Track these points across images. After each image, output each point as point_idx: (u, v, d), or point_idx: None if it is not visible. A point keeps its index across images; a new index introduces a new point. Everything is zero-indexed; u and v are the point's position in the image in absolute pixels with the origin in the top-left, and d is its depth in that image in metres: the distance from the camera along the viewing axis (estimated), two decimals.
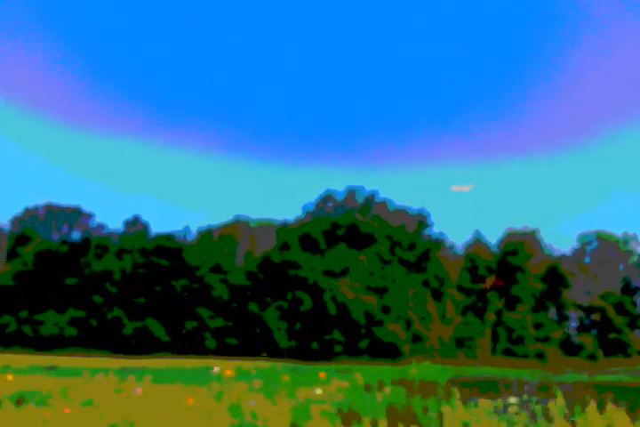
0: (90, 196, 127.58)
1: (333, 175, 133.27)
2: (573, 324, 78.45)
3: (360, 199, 67.38)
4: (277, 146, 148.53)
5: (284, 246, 64.42)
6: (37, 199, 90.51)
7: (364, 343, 60.69)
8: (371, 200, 66.43)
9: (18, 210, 77.75)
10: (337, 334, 60.37)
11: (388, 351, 60.44)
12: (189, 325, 61.83)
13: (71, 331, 63.29)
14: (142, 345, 61.58)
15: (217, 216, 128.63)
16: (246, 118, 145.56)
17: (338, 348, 60.08)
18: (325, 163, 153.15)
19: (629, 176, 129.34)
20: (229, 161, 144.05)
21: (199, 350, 60.31)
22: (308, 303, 60.84)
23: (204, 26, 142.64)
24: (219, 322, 61.62)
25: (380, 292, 62.13)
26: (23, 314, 64.11)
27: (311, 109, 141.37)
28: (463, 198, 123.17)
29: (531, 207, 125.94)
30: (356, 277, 61.66)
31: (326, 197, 67.91)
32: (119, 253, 68.09)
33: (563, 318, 73.67)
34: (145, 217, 75.70)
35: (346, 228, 63.85)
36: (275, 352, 58.92)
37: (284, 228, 66.92)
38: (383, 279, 62.81)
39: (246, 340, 60.38)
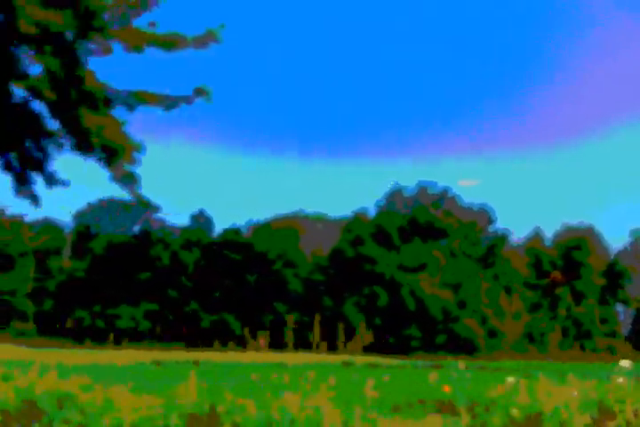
0: None
1: (344, 171, 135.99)
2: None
3: (429, 194, 67.47)
4: (280, 144, 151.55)
5: (357, 241, 64.45)
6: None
7: (440, 339, 61.10)
8: (443, 196, 66.52)
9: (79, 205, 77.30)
10: (414, 330, 60.75)
11: (464, 347, 60.83)
12: (266, 319, 62.05)
13: (146, 324, 63.46)
14: (218, 339, 61.72)
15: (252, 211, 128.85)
16: (245, 115, 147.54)
17: (414, 343, 60.48)
18: (333, 158, 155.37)
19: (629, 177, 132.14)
20: (235, 157, 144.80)
21: (277, 344, 60.44)
22: (384, 298, 61.08)
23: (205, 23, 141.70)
24: (295, 317, 61.81)
25: (455, 287, 62.44)
26: (96, 308, 64.11)
27: (316, 107, 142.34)
28: (470, 192, 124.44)
29: (539, 204, 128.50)
30: (431, 273, 61.93)
31: (395, 192, 67.91)
32: (189, 247, 68.02)
33: (623, 312, 74.52)
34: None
35: (420, 223, 63.98)
36: (357, 348, 59.14)
37: (354, 222, 66.88)
38: (457, 275, 63.07)
39: (324, 335, 60.57)
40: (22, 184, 11.50)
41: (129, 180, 11.49)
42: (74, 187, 12.15)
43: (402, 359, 44.19)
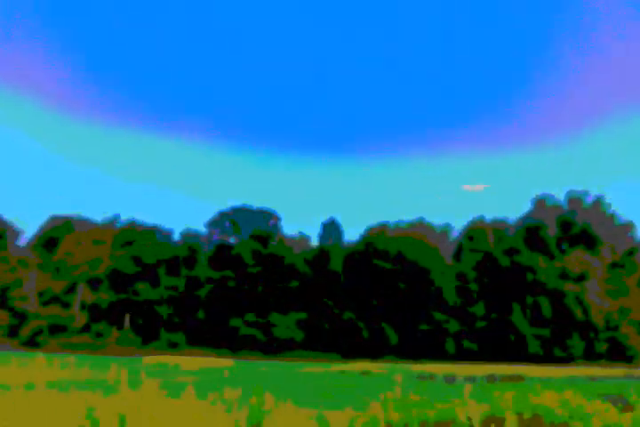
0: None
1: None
2: None
3: (578, 203, 65.68)
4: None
5: (512, 250, 64.61)
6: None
7: (601, 347, 61.63)
8: (598, 204, 64.41)
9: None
10: (576, 338, 61.44)
11: (623, 355, 61.13)
12: (424, 328, 64.51)
13: (299, 334, 65.58)
14: (374, 348, 63.58)
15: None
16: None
17: (577, 352, 61.29)
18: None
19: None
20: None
21: (436, 354, 62.86)
22: (547, 308, 61.53)
23: (201, 27, 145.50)
24: (454, 326, 63.69)
25: (615, 295, 62.03)
26: (250, 317, 66.41)
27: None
28: (475, 197, 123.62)
29: None
30: (593, 281, 61.64)
31: (541, 200, 66.70)
32: (329, 256, 70.09)
33: None
34: None
35: (574, 232, 62.95)
36: (519, 358, 60.35)
37: (504, 229, 66.78)
38: (615, 283, 62.46)
39: (487, 344, 62.35)
40: None
41: None
42: None
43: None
